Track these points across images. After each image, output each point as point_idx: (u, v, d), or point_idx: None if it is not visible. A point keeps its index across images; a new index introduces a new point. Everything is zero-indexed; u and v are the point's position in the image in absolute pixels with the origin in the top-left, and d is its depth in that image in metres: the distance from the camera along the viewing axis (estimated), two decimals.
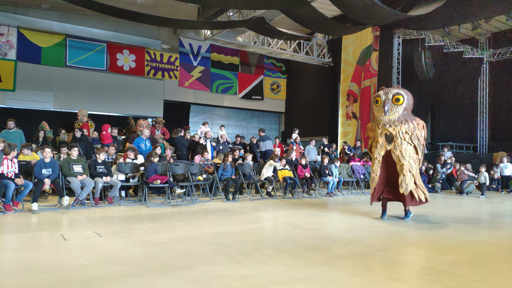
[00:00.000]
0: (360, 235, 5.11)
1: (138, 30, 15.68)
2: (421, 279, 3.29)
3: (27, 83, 13.84)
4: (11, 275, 3.24)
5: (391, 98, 6.10)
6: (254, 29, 14.99)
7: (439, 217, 6.84)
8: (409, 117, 6.16)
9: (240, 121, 20.34)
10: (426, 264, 3.77)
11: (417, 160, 6.17)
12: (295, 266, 3.57)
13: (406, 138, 6.05)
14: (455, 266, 3.70)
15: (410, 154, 6.06)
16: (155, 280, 3.12)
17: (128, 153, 8.42)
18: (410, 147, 6.07)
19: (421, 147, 6.14)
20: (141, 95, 16.15)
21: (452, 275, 3.39)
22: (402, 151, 6.04)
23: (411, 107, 6.30)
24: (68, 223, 5.74)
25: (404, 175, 6.05)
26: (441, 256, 4.04)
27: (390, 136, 6.15)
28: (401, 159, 6.06)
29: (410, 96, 6.22)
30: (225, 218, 6.29)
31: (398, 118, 6.11)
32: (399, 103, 6.09)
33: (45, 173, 6.85)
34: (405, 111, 6.14)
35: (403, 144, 6.05)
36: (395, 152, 6.11)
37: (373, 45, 15.61)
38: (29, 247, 4.20)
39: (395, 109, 6.11)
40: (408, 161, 6.04)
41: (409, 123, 6.09)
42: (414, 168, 6.08)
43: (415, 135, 6.07)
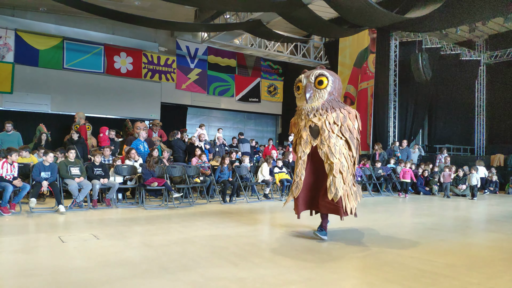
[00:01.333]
0: (356, 237, 5.12)
1: (135, 33, 15.69)
2: (418, 282, 3.30)
3: (25, 86, 13.82)
4: (8, 277, 3.23)
5: (313, 81, 4.91)
6: (251, 32, 15.03)
7: (434, 219, 6.86)
8: (337, 104, 4.94)
9: (237, 123, 20.35)
10: (423, 267, 3.78)
11: (350, 158, 4.95)
12: (291, 269, 3.58)
13: (334, 130, 4.84)
14: (452, 268, 3.71)
15: (340, 149, 4.85)
16: (152, 283, 3.12)
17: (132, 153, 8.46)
18: (340, 141, 4.87)
19: (354, 141, 4.95)
20: (138, 97, 16.15)
21: (448, 278, 3.41)
22: (331, 146, 4.81)
23: (340, 92, 5.14)
24: (65, 225, 5.73)
25: (334, 177, 4.77)
26: (438, 259, 4.05)
27: (315, 129, 4.92)
28: (330, 156, 4.80)
29: (336, 79, 5.04)
30: (222, 220, 6.29)
31: (323, 105, 4.87)
32: (323, 87, 4.87)
33: (44, 176, 6.84)
34: (331, 96, 4.91)
35: (332, 137, 4.82)
36: (322, 148, 4.87)
37: (370, 47, 15.67)
38: (27, 249, 4.20)
39: (319, 94, 4.88)
40: (338, 159, 4.80)
41: (338, 111, 4.88)
42: (345, 168, 4.86)
43: (345, 127, 4.86)
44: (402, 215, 7.56)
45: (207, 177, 9.00)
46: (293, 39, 16.81)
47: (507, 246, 4.77)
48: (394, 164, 12.15)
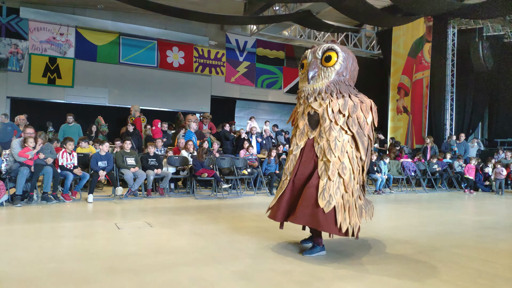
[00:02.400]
0: (408, 234, 4.96)
1: (186, 27, 16.03)
2: (474, 283, 3.14)
3: (84, 80, 14.58)
4: (69, 259, 3.46)
5: (320, 57, 3.81)
6: (300, 23, 14.84)
7: (493, 217, 6.49)
8: (346, 88, 3.79)
9: (284, 115, 20.26)
10: (480, 267, 3.58)
11: (356, 159, 3.70)
12: (340, 264, 3.53)
13: (339, 121, 3.67)
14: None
15: (343, 147, 3.65)
16: (201, 270, 3.21)
17: (189, 144, 8.73)
18: (345, 137, 3.68)
19: (364, 139, 3.71)
20: (189, 90, 16.53)
21: (509, 280, 3.21)
22: (331, 140, 3.65)
23: (353, 76, 3.99)
24: (121, 213, 6.03)
25: (329, 180, 3.57)
26: (497, 259, 3.83)
27: (314, 117, 3.81)
28: (327, 152, 3.63)
29: (350, 57, 3.89)
30: None
31: (328, 87, 3.73)
32: (330, 64, 3.76)
33: (100, 165, 7.23)
34: (339, 76, 3.79)
35: (333, 129, 3.67)
36: (319, 142, 3.72)
37: (425, 36, 14.96)
38: (85, 234, 4.46)
39: (324, 72, 3.77)
40: (338, 158, 3.61)
41: (347, 98, 3.74)
42: (348, 171, 3.63)
43: (354, 118, 3.68)
44: (458, 212, 7.21)
45: (255, 169, 9.08)
46: (344, 28, 16.40)
47: None
48: (451, 159, 11.59)
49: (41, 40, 13.81)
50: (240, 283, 2.95)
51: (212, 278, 3.04)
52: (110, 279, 2.97)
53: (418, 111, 15.22)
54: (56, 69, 14.06)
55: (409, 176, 10.74)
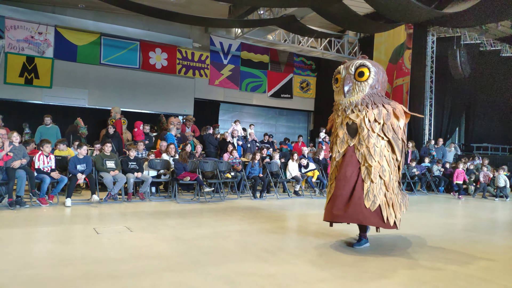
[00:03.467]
0: (388, 236, 5.02)
1: (170, 29, 15.93)
2: (452, 284, 3.20)
3: (63, 80, 14.31)
4: (46, 266, 3.37)
5: (353, 72, 4.29)
6: (284, 27, 14.94)
7: (470, 220, 6.63)
8: (379, 99, 4.28)
9: (268, 119, 20.32)
10: (458, 268, 3.66)
11: (393, 161, 4.27)
12: (322, 266, 3.55)
13: (375, 129, 4.19)
14: (488, 271, 3.58)
15: (381, 151, 4.19)
16: (183, 276, 3.18)
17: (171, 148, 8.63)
18: (382, 142, 4.20)
19: (399, 143, 4.25)
20: (172, 93, 16.41)
21: (484, 281, 3.29)
22: (370, 147, 4.18)
23: (384, 85, 4.46)
24: (100, 217, 5.92)
25: (372, 182, 4.10)
26: (473, 261, 3.91)
27: (353, 127, 4.31)
28: (368, 158, 4.17)
29: (380, 70, 4.38)
30: (252, 216, 6.32)
31: (363, 99, 4.24)
32: (363, 79, 4.25)
33: (79, 168, 7.08)
34: (373, 89, 4.28)
35: (371, 137, 4.18)
36: (359, 149, 4.24)
37: (406, 43, 15.25)
38: (63, 239, 4.36)
39: (358, 87, 4.26)
40: (378, 162, 4.15)
41: (380, 107, 4.23)
42: (387, 173, 4.16)
43: (389, 125, 4.19)
44: (437, 215, 7.34)
45: (238, 173, 9.06)
46: (327, 34, 16.58)
47: None
48: (430, 163, 11.82)
49: (18, 39, 13.49)
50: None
51: (194, 283, 3.01)
52: (89, 286, 2.91)
53: None
54: (33, 69, 13.76)
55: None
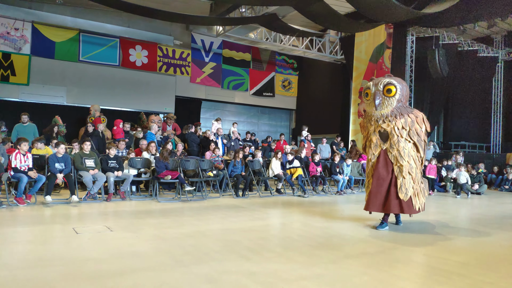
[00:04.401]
0: (369, 234, 5.09)
1: (150, 26, 15.75)
2: (431, 279, 3.27)
3: (41, 78, 14.00)
4: (23, 267, 3.29)
5: (382, 89, 5.29)
6: (266, 26, 14.95)
7: (448, 217, 6.78)
8: (405, 110, 5.35)
9: (250, 117, 20.33)
10: (436, 265, 3.73)
11: (418, 158, 5.39)
12: (304, 264, 3.57)
13: (403, 135, 5.25)
14: (465, 267, 3.66)
15: (409, 152, 5.27)
16: (165, 275, 3.15)
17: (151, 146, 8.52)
18: (409, 145, 5.28)
19: (422, 143, 5.34)
20: (153, 90, 16.24)
21: (462, 276, 3.37)
22: (400, 150, 5.24)
23: (407, 98, 5.52)
24: (79, 217, 5.82)
25: (404, 178, 5.23)
26: (451, 257, 4.00)
27: (384, 134, 5.38)
28: (399, 159, 5.25)
29: (404, 85, 5.43)
30: (235, 214, 6.32)
31: (392, 112, 5.29)
32: (391, 95, 5.26)
33: (58, 167, 6.94)
34: (399, 103, 5.32)
35: (401, 141, 5.25)
36: (391, 152, 5.31)
37: (386, 42, 15.46)
38: (41, 240, 4.27)
39: (388, 101, 5.28)
40: (407, 161, 5.24)
41: (406, 116, 5.28)
42: (414, 169, 5.29)
43: (414, 130, 5.25)
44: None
45: (220, 171, 9.03)
46: (309, 33, 16.67)
47: None
48: None
49: None
50: (205, 287, 2.91)
51: (176, 282, 2.99)
52: (69, 286, 2.86)
53: None
54: (10, 66, 13.42)
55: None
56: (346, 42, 17.66)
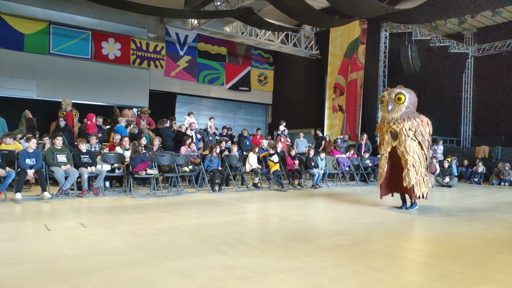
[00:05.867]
0: (344, 227, 5.17)
1: (123, 18, 15.43)
2: (403, 270, 3.35)
3: (9, 71, 13.53)
4: None
5: (393, 97, 6.54)
6: (241, 20, 14.89)
7: (422, 209, 6.96)
8: (412, 114, 6.54)
9: (227, 112, 20.28)
10: (408, 256, 3.84)
11: (422, 155, 6.53)
12: (280, 257, 3.60)
13: (409, 135, 6.43)
14: (437, 257, 3.78)
15: (414, 149, 6.45)
16: (140, 271, 3.11)
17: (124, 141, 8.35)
18: (414, 143, 6.46)
19: (426, 142, 6.49)
20: (126, 84, 15.95)
21: (433, 266, 3.47)
22: (406, 147, 6.43)
23: (415, 105, 6.70)
24: (51, 213, 5.68)
25: (408, 170, 6.45)
26: (423, 248, 4.12)
27: (394, 133, 6.57)
28: (405, 154, 6.46)
29: (412, 95, 6.66)
30: (211, 209, 6.30)
31: (401, 116, 6.52)
32: (401, 102, 6.51)
33: (28, 163, 6.73)
34: (407, 109, 6.54)
35: (407, 140, 6.44)
36: (399, 148, 6.52)
37: (360, 38, 15.67)
38: (12, 237, 4.15)
39: (398, 107, 6.53)
40: (412, 156, 6.44)
41: (413, 120, 6.46)
42: (417, 163, 6.46)
43: (419, 132, 6.42)
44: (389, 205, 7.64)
45: (196, 166, 8.97)
46: (284, 28, 16.71)
47: (490, 236, 4.87)
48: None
49: None
50: (180, 282, 2.90)
51: (152, 278, 2.96)
52: (41, 284, 2.79)
53: (352, 109, 15.92)
54: None
55: (344, 171, 11.22)
56: (321, 37, 17.80)
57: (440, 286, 2.97)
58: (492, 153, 13.56)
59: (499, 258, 3.84)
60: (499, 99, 15.49)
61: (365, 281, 3.02)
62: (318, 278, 3.08)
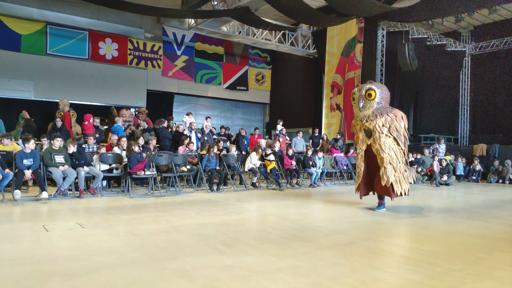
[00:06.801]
0: (342, 225, 5.18)
1: (120, 18, 15.41)
2: (402, 269, 3.36)
3: (7, 72, 13.50)
4: None
5: (364, 94, 6.26)
6: (239, 19, 14.88)
7: (417, 207, 6.97)
8: (385, 110, 6.24)
9: (224, 111, 20.27)
10: (407, 254, 3.84)
11: (399, 151, 6.22)
12: (278, 256, 3.60)
13: (384, 131, 6.12)
14: (435, 255, 3.78)
15: (390, 146, 6.14)
16: (138, 271, 3.11)
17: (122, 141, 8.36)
18: (389, 139, 6.15)
19: (401, 137, 6.18)
20: (124, 84, 15.93)
21: (431, 264, 3.47)
22: (381, 144, 6.13)
23: (387, 99, 6.39)
24: (49, 214, 5.66)
25: (384, 168, 6.13)
26: (421, 246, 4.12)
27: (368, 131, 6.27)
28: (380, 152, 6.15)
29: (384, 90, 6.34)
30: (209, 209, 6.30)
31: (373, 112, 6.22)
32: (372, 98, 6.22)
33: (26, 163, 6.72)
34: (379, 105, 6.24)
35: (382, 137, 6.13)
36: (374, 146, 6.22)
37: (357, 36, 15.69)
38: (10, 238, 4.14)
39: (369, 104, 6.25)
40: (388, 154, 6.13)
41: (386, 116, 6.15)
42: (395, 160, 6.14)
43: (393, 127, 6.12)
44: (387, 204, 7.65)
45: (194, 166, 8.97)
46: (281, 27, 16.71)
47: (488, 234, 4.88)
48: None
49: None
50: (179, 282, 2.90)
51: (150, 278, 2.96)
52: (39, 284, 2.78)
53: (350, 108, 15.92)
54: None
55: (342, 170, 11.23)
56: (318, 36, 17.81)
57: (438, 284, 2.98)
58: (489, 151, 13.59)
59: (498, 256, 3.85)
60: (496, 97, 15.54)
61: (364, 280, 3.02)
62: (316, 277, 3.08)
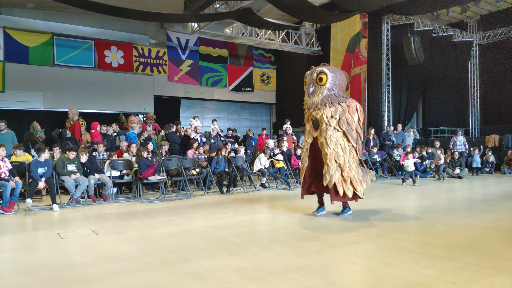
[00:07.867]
0: (353, 222, 5.15)
1: (125, 26, 15.53)
2: (416, 264, 3.32)
3: (16, 84, 13.68)
4: (8, 275, 3.23)
5: (315, 78, 5.36)
6: (241, 20, 14.89)
7: (431, 202, 6.91)
8: (336, 99, 5.31)
9: (231, 113, 20.29)
10: (421, 249, 3.80)
11: (348, 148, 5.32)
12: (290, 256, 3.60)
13: (332, 123, 5.24)
14: (450, 250, 3.74)
15: (337, 141, 5.25)
16: (152, 275, 3.13)
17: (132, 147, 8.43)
18: (337, 134, 5.27)
19: (353, 133, 5.31)
20: (130, 91, 16.04)
21: (446, 259, 3.43)
22: (327, 137, 5.24)
23: (342, 86, 5.47)
24: (63, 222, 5.73)
25: (328, 165, 5.23)
26: (435, 241, 4.08)
27: (316, 122, 5.38)
28: (325, 147, 5.26)
29: (338, 74, 5.43)
30: (220, 211, 6.31)
31: (322, 100, 5.29)
32: (322, 83, 5.30)
33: (40, 171, 6.84)
34: (330, 91, 5.30)
35: (329, 130, 5.25)
36: (320, 139, 5.34)
37: (361, 32, 15.60)
38: (26, 247, 4.19)
39: (319, 90, 5.32)
40: (333, 149, 5.23)
41: (336, 105, 5.27)
42: (342, 157, 5.24)
43: (344, 120, 5.24)
44: (399, 199, 7.61)
45: (203, 169, 9.00)
46: (284, 26, 16.68)
47: (504, 226, 4.81)
48: (391, 149, 12.20)
49: None
50: (192, 284, 2.91)
51: (164, 281, 2.98)
52: None
53: None
54: None
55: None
56: (322, 33, 17.75)
57: (454, 279, 2.95)
58: (502, 142, 13.39)
59: None
60: (506, 86, 15.29)
61: (378, 277, 3.00)
62: (330, 275, 3.07)
